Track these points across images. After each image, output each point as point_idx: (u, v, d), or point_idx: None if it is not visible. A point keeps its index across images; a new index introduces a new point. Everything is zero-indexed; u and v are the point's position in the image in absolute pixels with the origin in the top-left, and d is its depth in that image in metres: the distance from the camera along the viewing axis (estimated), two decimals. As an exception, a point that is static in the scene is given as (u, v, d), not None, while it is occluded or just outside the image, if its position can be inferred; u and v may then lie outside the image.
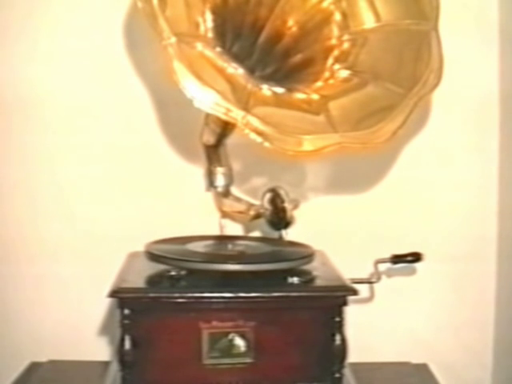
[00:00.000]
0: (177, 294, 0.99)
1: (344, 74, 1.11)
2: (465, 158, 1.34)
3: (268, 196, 1.16)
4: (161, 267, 1.04)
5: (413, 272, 1.32)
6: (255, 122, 0.94)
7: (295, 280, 1.03)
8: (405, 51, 1.09)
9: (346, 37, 1.12)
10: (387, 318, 1.33)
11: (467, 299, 1.35)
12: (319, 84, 1.10)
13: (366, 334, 1.26)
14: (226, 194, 1.19)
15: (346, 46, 1.12)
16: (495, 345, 1.36)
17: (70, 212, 1.31)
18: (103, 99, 1.29)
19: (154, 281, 1.04)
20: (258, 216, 1.16)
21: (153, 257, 1.05)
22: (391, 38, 1.10)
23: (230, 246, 1.13)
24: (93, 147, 1.30)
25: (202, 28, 1.02)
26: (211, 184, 1.19)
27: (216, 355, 0.99)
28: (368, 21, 1.11)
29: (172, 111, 1.28)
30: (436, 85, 1.05)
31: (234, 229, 1.27)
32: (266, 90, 1.05)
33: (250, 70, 1.06)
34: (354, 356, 1.04)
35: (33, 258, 1.31)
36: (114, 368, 1.05)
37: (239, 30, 1.11)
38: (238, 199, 1.20)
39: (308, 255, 1.08)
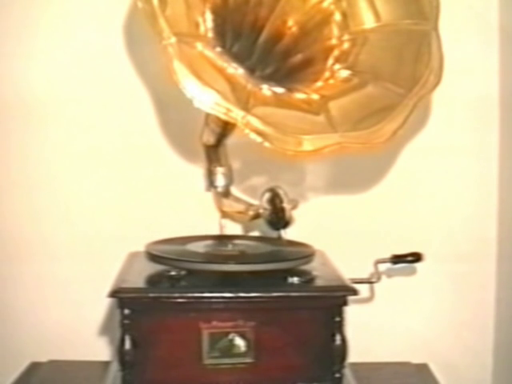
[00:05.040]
0: (177, 294, 0.99)
1: (344, 74, 1.11)
2: (465, 158, 1.34)
3: (267, 196, 1.16)
4: (161, 267, 1.04)
5: (413, 272, 1.32)
6: (255, 122, 0.94)
7: (295, 280, 1.03)
8: (405, 51, 1.09)
9: (346, 37, 1.12)
10: (387, 318, 1.33)
11: (467, 299, 1.35)
12: (319, 84, 1.10)
13: (366, 334, 1.26)
14: (226, 194, 1.19)
15: (346, 45, 1.12)
16: (495, 345, 1.36)
17: (70, 212, 1.31)
18: (103, 99, 1.29)
19: (153, 281, 1.04)
20: (257, 216, 1.16)
21: (153, 257, 1.05)
22: (391, 38, 1.10)
23: (229, 246, 1.13)
24: (93, 147, 1.30)
25: (201, 28, 1.02)
26: (211, 184, 1.19)
27: (216, 355, 0.99)
28: (368, 21, 1.11)
29: (172, 111, 1.28)
30: (436, 85, 1.05)
31: (233, 229, 1.27)
32: (266, 90, 1.05)
33: (250, 70, 1.06)
34: (354, 356, 1.04)
35: (33, 258, 1.31)
36: (114, 368, 1.05)
37: (239, 30, 1.11)
38: (238, 199, 1.20)
39: (308, 255, 1.08)
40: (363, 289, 1.16)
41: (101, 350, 1.31)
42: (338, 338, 1.00)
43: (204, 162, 1.20)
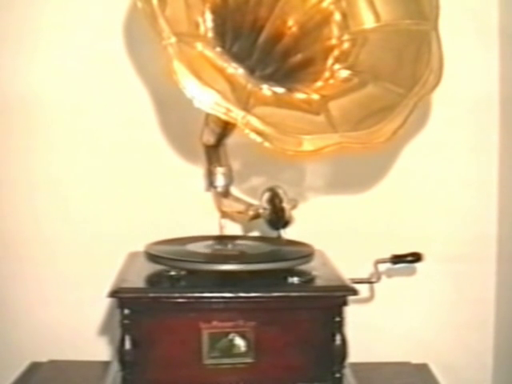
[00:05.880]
0: (177, 294, 0.99)
1: (344, 74, 1.11)
2: (465, 158, 1.34)
3: (266, 196, 1.16)
4: (161, 267, 1.04)
5: (413, 272, 1.32)
6: (255, 122, 0.94)
7: (295, 280, 1.03)
8: (405, 51, 1.09)
9: (345, 37, 1.12)
10: (387, 318, 1.33)
11: (467, 299, 1.35)
12: (319, 84, 1.10)
13: (366, 334, 1.26)
14: (226, 194, 1.19)
15: (345, 45, 1.12)
16: (495, 345, 1.36)
17: (71, 212, 1.31)
18: (103, 99, 1.29)
19: (153, 281, 1.04)
20: (256, 216, 1.16)
21: (153, 257, 1.05)
22: (391, 38, 1.10)
23: (229, 246, 1.13)
24: (93, 147, 1.30)
25: (201, 28, 1.02)
26: (211, 184, 1.19)
27: (216, 355, 0.99)
28: (368, 21, 1.11)
29: (172, 111, 1.28)
30: (436, 85, 1.05)
31: (233, 229, 1.27)
32: (266, 89, 1.05)
33: (250, 70, 1.06)
34: (353, 356, 1.04)
35: (33, 257, 1.31)
36: (114, 368, 1.05)
37: (239, 30, 1.11)
38: (238, 199, 1.20)
39: (308, 254, 1.08)
40: (363, 289, 1.16)
41: (101, 350, 1.31)
42: (338, 337, 1.00)
43: (204, 162, 1.20)
